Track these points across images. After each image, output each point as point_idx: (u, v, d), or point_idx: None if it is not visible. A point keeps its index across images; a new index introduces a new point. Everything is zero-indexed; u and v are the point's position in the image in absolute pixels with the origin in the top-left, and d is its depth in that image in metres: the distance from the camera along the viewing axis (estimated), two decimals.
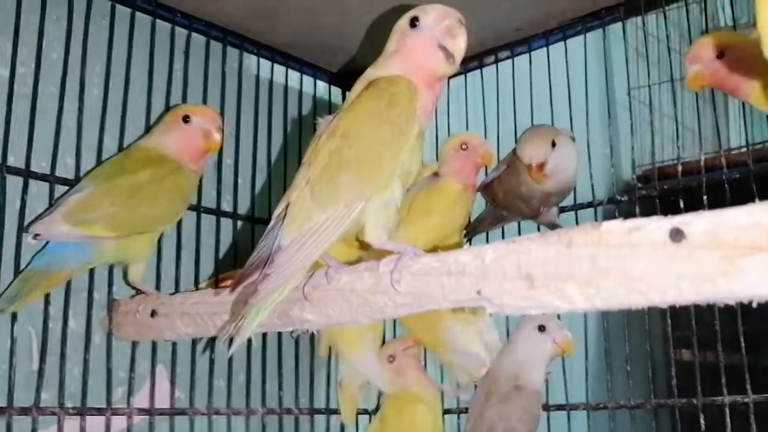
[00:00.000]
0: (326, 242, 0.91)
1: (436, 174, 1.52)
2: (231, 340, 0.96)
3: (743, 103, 1.38)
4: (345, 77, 1.79)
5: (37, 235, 1.18)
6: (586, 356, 1.46)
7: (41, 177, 1.26)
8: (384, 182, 0.93)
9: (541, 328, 1.35)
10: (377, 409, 1.61)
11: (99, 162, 1.32)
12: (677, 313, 0.86)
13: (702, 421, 1.29)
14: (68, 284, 1.26)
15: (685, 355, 1.62)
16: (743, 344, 1.28)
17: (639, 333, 1.40)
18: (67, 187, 1.28)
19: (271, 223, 0.97)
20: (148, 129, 1.38)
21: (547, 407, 1.45)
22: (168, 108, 1.42)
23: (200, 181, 1.39)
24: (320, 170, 0.93)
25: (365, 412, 1.66)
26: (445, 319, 1.46)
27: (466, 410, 1.44)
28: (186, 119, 1.31)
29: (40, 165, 1.27)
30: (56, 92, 1.29)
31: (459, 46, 0.95)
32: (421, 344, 1.54)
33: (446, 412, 1.57)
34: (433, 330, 1.49)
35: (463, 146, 1.49)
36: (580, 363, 1.47)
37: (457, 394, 1.55)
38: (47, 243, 1.21)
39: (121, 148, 1.36)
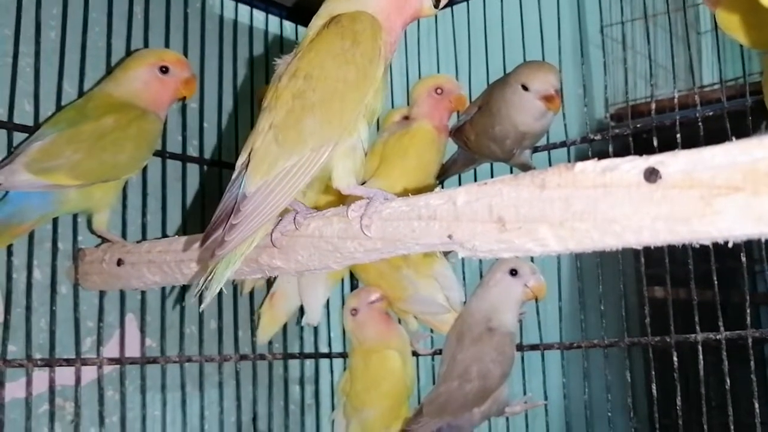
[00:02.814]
0: (294, 189, 0.89)
1: (406, 118, 1.49)
2: (202, 293, 0.94)
3: (717, 40, 1.36)
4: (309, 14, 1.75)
5: None
6: (560, 296, 1.46)
7: None
8: (351, 125, 0.90)
9: (513, 272, 1.34)
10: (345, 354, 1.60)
11: (59, 108, 1.28)
12: (650, 252, 0.85)
13: (675, 359, 1.30)
14: (32, 234, 1.23)
15: (658, 293, 1.63)
16: (716, 281, 1.28)
17: (612, 272, 1.40)
18: (26, 134, 1.24)
19: (235, 172, 0.93)
20: (109, 72, 1.33)
21: (521, 347, 1.46)
22: (129, 51, 1.38)
23: (165, 126, 1.36)
24: (284, 114, 0.89)
25: (339, 355, 1.66)
26: (402, 267, 1.44)
27: (440, 352, 1.44)
28: (164, 70, 1.29)
29: None
30: (11, 35, 1.25)
31: None
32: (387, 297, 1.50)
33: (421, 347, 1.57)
34: (388, 278, 1.46)
35: (438, 90, 1.46)
36: (553, 303, 1.47)
37: (417, 342, 1.54)
38: (6, 193, 1.17)
39: (81, 93, 1.32)
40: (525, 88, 1.29)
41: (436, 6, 0.94)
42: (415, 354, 1.53)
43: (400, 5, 0.93)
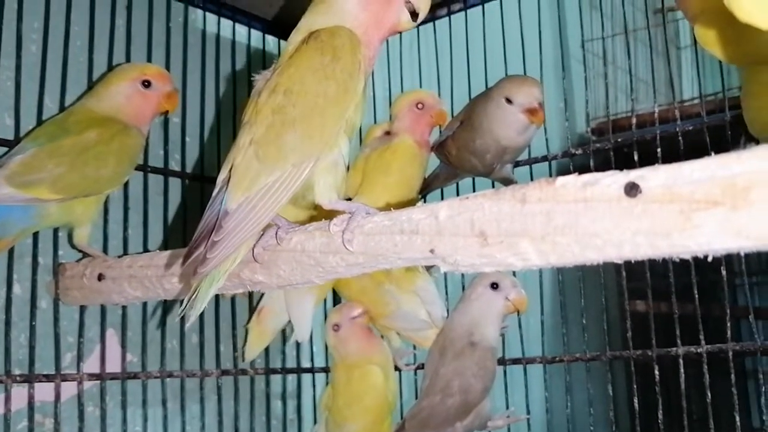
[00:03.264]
0: (276, 205, 0.88)
1: (387, 133, 1.49)
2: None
3: (696, 55, 1.38)
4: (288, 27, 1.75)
5: None
6: (542, 310, 1.46)
7: None
8: (332, 140, 0.90)
9: (494, 286, 1.34)
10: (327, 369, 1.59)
11: (39, 122, 1.28)
12: (631, 266, 0.86)
13: (656, 372, 1.31)
14: (12, 248, 1.22)
15: (640, 306, 1.64)
16: (696, 295, 1.29)
17: (594, 286, 1.41)
18: (6, 148, 1.23)
19: (216, 188, 0.93)
20: (90, 87, 1.33)
21: (503, 361, 1.46)
22: (111, 66, 1.37)
23: (147, 140, 1.36)
24: (264, 130, 0.89)
25: (322, 370, 1.65)
26: (384, 283, 1.44)
27: (423, 366, 1.44)
28: (146, 84, 1.29)
29: None
30: None
31: (425, 4, 0.94)
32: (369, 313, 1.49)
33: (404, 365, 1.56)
34: (370, 294, 1.46)
35: (419, 105, 1.46)
36: (535, 317, 1.47)
37: (400, 358, 1.53)
38: None
39: (62, 108, 1.31)
40: (509, 101, 1.30)
41: (414, 20, 0.94)
42: (398, 369, 1.53)
43: (378, 19, 0.93)
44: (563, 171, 0.69)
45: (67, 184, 1.18)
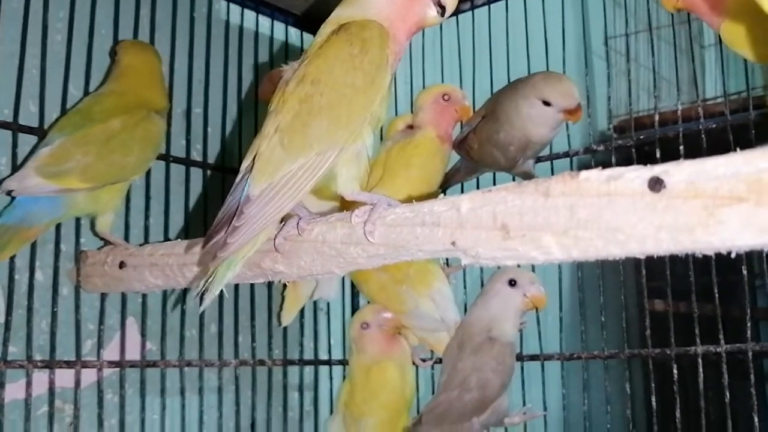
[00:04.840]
0: (298, 193, 0.89)
1: (410, 126, 1.49)
2: (202, 295, 0.94)
3: (720, 53, 1.37)
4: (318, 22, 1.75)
5: (10, 191, 1.14)
6: (561, 307, 1.46)
7: (3, 125, 1.23)
8: (357, 130, 0.90)
9: (512, 283, 1.34)
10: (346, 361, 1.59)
11: (64, 110, 1.29)
12: (651, 264, 0.85)
13: (675, 371, 1.30)
14: None
15: (659, 306, 1.63)
16: (717, 295, 1.28)
17: (613, 284, 1.40)
18: (30, 136, 1.25)
19: (239, 175, 0.93)
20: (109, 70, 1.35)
21: (521, 357, 1.45)
22: None
23: (169, 130, 1.37)
24: (290, 118, 0.90)
25: (339, 362, 1.66)
26: (402, 282, 1.43)
27: (440, 361, 1.44)
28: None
29: (2, 113, 1.24)
30: (17, 37, 1.25)
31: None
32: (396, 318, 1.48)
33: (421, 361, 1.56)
34: (389, 291, 1.45)
35: (445, 97, 1.45)
36: (554, 314, 1.47)
37: (417, 356, 1.53)
38: (13, 198, 1.17)
39: (86, 96, 1.32)
40: (547, 103, 1.29)
41: (441, 15, 0.94)
42: (415, 364, 1.53)
43: (403, 14, 0.94)
44: (584, 167, 0.69)
45: (95, 172, 1.19)
